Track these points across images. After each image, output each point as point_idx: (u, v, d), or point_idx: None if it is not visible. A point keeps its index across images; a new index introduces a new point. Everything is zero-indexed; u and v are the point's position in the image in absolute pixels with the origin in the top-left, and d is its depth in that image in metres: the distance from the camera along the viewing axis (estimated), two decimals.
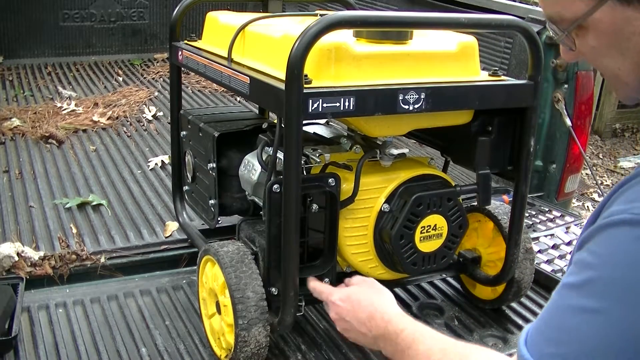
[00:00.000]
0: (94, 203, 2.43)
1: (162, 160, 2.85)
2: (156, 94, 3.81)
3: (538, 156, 2.73)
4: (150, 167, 2.80)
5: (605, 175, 6.14)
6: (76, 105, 3.51)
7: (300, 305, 1.53)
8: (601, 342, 0.78)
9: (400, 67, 1.54)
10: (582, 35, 0.87)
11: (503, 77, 1.67)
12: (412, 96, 1.47)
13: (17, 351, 1.65)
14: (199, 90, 3.90)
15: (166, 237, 2.23)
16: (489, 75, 1.67)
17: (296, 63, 1.32)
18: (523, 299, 1.94)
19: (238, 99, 3.71)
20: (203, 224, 2.04)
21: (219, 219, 1.87)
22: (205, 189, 1.88)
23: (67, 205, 2.40)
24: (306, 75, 1.36)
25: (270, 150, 1.63)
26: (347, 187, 1.58)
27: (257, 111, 2.36)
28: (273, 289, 1.56)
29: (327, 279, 1.60)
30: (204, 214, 1.93)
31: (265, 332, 1.52)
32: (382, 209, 1.60)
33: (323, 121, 1.89)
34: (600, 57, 0.87)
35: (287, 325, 1.52)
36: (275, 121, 1.66)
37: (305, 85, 1.36)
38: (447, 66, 1.61)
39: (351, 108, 1.41)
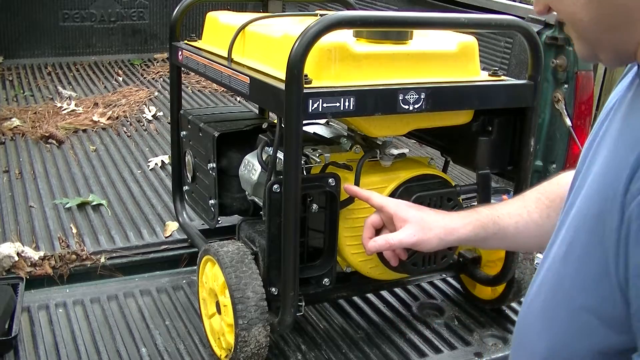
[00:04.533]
0: (94, 203, 2.43)
1: (162, 160, 2.85)
2: (156, 94, 3.81)
3: (538, 156, 2.73)
4: (150, 167, 2.80)
5: None
6: (76, 105, 3.51)
7: (300, 305, 1.53)
8: None
9: (400, 67, 1.54)
10: None
11: (503, 77, 1.67)
12: (412, 96, 1.47)
13: (17, 351, 1.65)
14: (199, 90, 3.90)
15: (166, 237, 2.23)
16: (489, 75, 1.67)
17: (296, 63, 1.32)
18: (523, 299, 1.94)
19: (238, 99, 3.71)
20: (203, 224, 2.04)
21: (219, 219, 1.87)
22: (205, 189, 1.88)
23: (67, 205, 2.40)
24: (306, 75, 1.36)
25: (270, 150, 1.63)
26: None
27: (257, 111, 2.36)
28: (273, 289, 1.56)
29: (326, 279, 1.60)
30: (204, 214, 1.93)
31: (265, 332, 1.52)
32: None
33: (323, 121, 1.89)
34: None
35: (287, 325, 1.52)
36: (275, 121, 1.66)
37: (305, 85, 1.36)
38: (447, 66, 1.61)
39: (351, 108, 1.41)
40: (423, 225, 1.36)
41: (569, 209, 0.91)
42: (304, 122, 1.41)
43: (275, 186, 1.48)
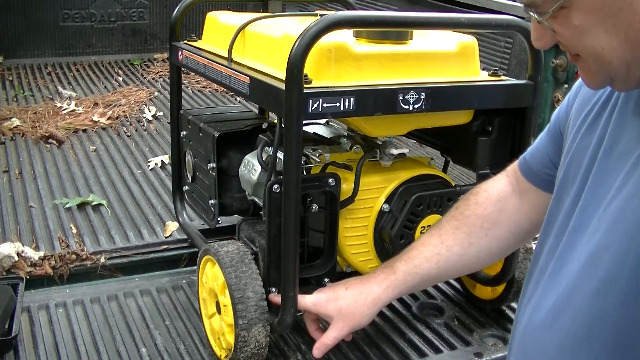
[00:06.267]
0: (94, 203, 2.43)
1: (162, 160, 2.85)
2: (156, 94, 3.81)
3: None
4: (150, 167, 2.80)
5: None
6: (76, 105, 3.52)
7: None
8: None
9: (400, 67, 1.54)
10: (564, 16, 0.82)
11: (503, 77, 1.67)
12: (412, 96, 1.47)
13: (17, 351, 1.65)
14: (199, 90, 3.90)
15: (166, 237, 2.23)
16: (489, 75, 1.67)
17: (296, 63, 1.32)
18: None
19: (238, 99, 3.71)
20: (203, 224, 2.04)
21: (219, 219, 1.87)
22: (205, 189, 1.88)
23: (67, 205, 2.40)
24: (306, 75, 1.36)
25: (270, 150, 1.63)
26: (347, 187, 1.58)
27: (257, 111, 2.36)
28: (273, 289, 1.56)
29: (326, 279, 1.60)
30: (204, 214, 1.93)
31: (265, 332, 1.52)
32: (382, 209, 1.60)
33: (323, 121, 1.89)
34: (583, 37, 0.81)
35: (287, 325, 1.52)
36: (275, 121, 1.66)
37: (305, 85, 1.36)
38: (447, 66, 1.60)
39: (351, 108, 1.41)
40: (346, 314, 1.44)
41: (578, 230, 0.88)
42: (304, 122, 1.41)
43: (275, 186, 1.48)
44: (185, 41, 2.03)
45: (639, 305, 0.78)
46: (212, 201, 1.84)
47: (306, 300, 1.49)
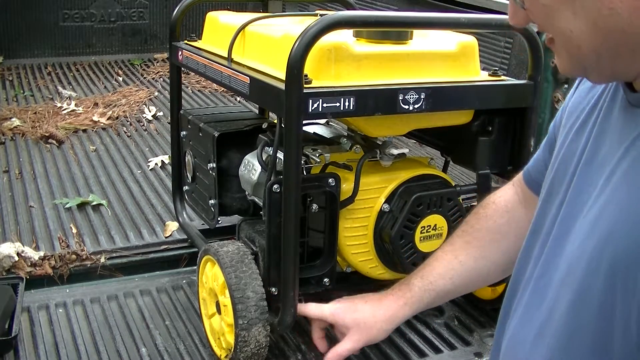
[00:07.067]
0: (94, 203, 2.43)
1: (162, 160, 2.85)
2: (156, 94, 3.81)
3: None
4: (150, 167, 2.80)
5: None
6: (76, 105, 3.52)
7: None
8: None
9: (400, 67, 1.54)
10: None
11: (503, 77, 1.67)
12: (412, 96, 1.47)
13: (17, 351, 1.65)
14: (199, 90, 3.90)
15: (166, 237, 2.23)
16: (489, 75, 1.67)
17: (296, 63, 1.32)
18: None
19: (238, 99, 3.71)
20: (203, 224, 2.04)
21: (219, 219, 1.87)
22: (205, 189, 1.88)
23: (67, 205, 2.40)
24: (306, 75, 1.36)
25: (270, 150, 1.63)
26: (347, 187, 1.58)
27: (257, 111, 2.36)
28: (273, 289, 1.56)
29: (326, 279, 1.60)
30: (204, 214, 1.93)
31: (265, 332, 1.52)
32: (382, 209, 1.60)
33: (323, 121, 1.89)
34: (551, 17, 0.79)
35: (287, 325, 1.52)
36: (275, 121, 1.66)
37: (305, 85, 1.36)
38: (447, 66, 1.61)
39: (351, 108, 1.41)
40: (364, 328, 1.43)
41: (559, 238, 0.87)
42: (304, 122, 1.41)
43: (275, 186, 1.48)
44: (185, 41, 2.03)
45: (614, 317, 0.76)
46: (212, 201, 1.84)
47: (323, 309, 1.49)
